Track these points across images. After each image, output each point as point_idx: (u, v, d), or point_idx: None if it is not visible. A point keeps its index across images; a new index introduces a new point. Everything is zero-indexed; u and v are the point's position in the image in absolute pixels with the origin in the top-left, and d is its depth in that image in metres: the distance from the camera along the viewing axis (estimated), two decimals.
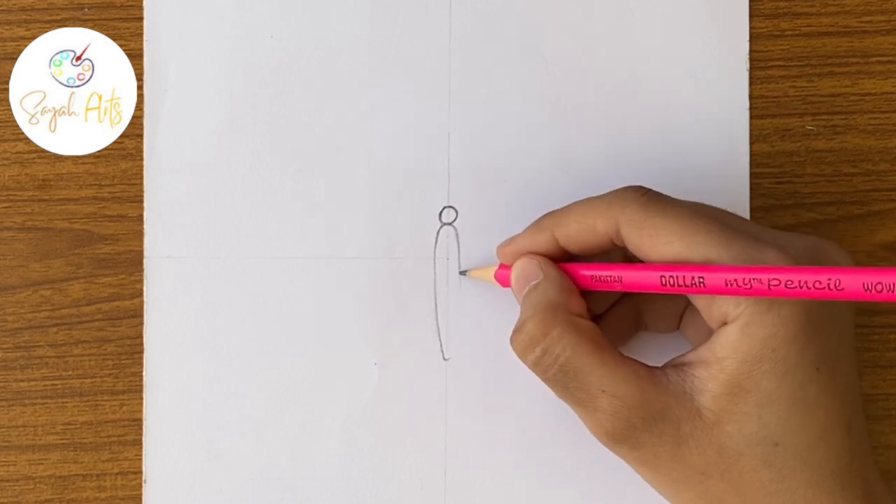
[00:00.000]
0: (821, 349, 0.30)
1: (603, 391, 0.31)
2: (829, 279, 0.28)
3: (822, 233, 0.39)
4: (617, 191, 0.34)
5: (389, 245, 0.39)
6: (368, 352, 0.39)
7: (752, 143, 0.39)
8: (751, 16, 0.40)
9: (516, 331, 0.33)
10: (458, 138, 0.39)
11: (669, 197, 0.33)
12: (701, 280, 0.30)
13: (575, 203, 0.35)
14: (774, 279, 0.29)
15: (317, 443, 0.39)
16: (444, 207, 0.39)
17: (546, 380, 0.33)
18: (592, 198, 0.34)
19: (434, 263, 0.39)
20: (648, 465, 0.32)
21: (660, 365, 0.33)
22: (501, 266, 0.37)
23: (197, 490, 0.38)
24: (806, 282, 0.28)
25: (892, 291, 0.27)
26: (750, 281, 0.29)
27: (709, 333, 0.32)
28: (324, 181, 0.39)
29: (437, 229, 0.39)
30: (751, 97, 0.40)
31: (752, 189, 0.39)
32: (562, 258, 0.35)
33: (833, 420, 0.31)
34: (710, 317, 0.32)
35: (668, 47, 0.39)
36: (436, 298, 0.39)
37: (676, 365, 0.32)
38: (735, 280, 0.29)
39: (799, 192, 0.40)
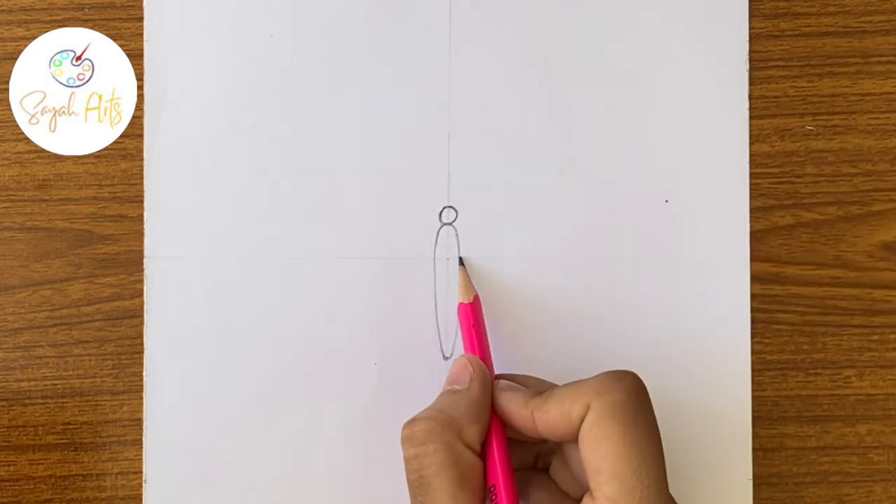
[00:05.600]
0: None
1: None
2: None
3: (822, 233, 0.39)
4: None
5: (389, 245, 0.39)
6: (368, 352, 0.39)
7: (752, 143, 0.39)
8: (751, 16, 0.40)
9: (412, 420, 0.34)
10: (458, 138, 0.39)
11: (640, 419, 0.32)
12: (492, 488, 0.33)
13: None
14: None
15: (317, 443, 0.39)
16: (444, 207, 0.39)
17: (407, 479, 0.33)
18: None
19: (434, 263, 0.39)
20: None
21: None
22: (461, 313, 0.37)
23: (197, 490, 0.38)
24: None
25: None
26: None
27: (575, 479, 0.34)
28: (324, 181, 0.39)
29: (437, 229, 0.39)
30: (751, 97, 0.40)
31: (752, 189, 0.39)
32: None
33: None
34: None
35: (668, 47, 0.39)
36: (436, 298, 0.39)
37: None
38: None
39: (799, 192, 0.40)
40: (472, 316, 0.37)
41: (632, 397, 0.31)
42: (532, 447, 0.36)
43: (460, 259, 0.39)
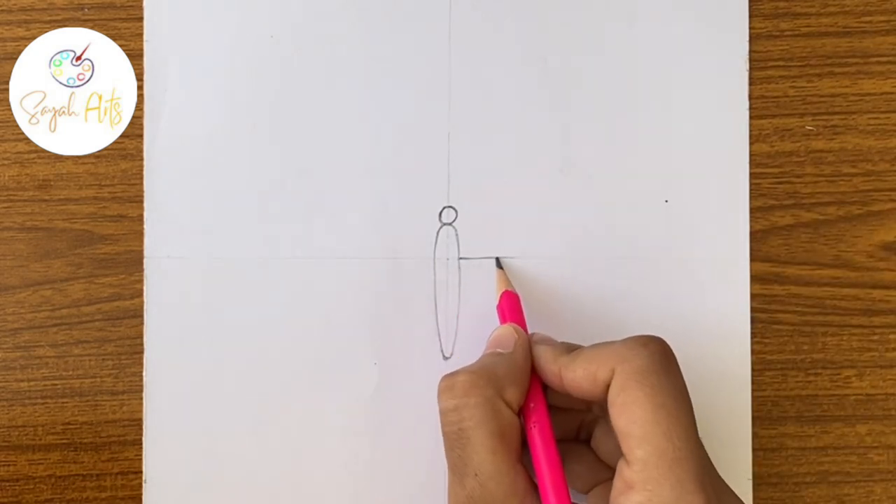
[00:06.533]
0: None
1: (476, 475, 0.32)
2: None
3: (822, 233, 0.39)
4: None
5: (389, 245, 0.39)
6: (368, 352, 0.39)
7: (751, 143, 0.39)
8: (751, 16, 0.40)
9: (452, 373, 0.34)
10: (458, 138, 0.39)
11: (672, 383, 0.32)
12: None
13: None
14: None
15: (317, 443, 0.39)
16: (444, 207, 0.39)
17: (442, 431, 0.33)
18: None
19: (434, 263, 0.39)
20: None
21: None
22: (504, 300, 0.37)
23: (197, 490, 0.38)
24: None
25: None
26: None
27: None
28: (324, 181, 0.39)
29: (437, 229, 0.39)
30: (750, 97, 0.40)
31: (752, 189, 0.39)
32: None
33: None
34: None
35: (668, 47, 0.39)
36: (436, 298, 0.39)
37: None
38: None
39: (799, 192, 0.40)
40: (517, 305, 0.37)
41: (655, 362, 0.32)
42: (576, 416, 0.36)
43: (497, 260, 0.39)
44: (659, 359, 0.32)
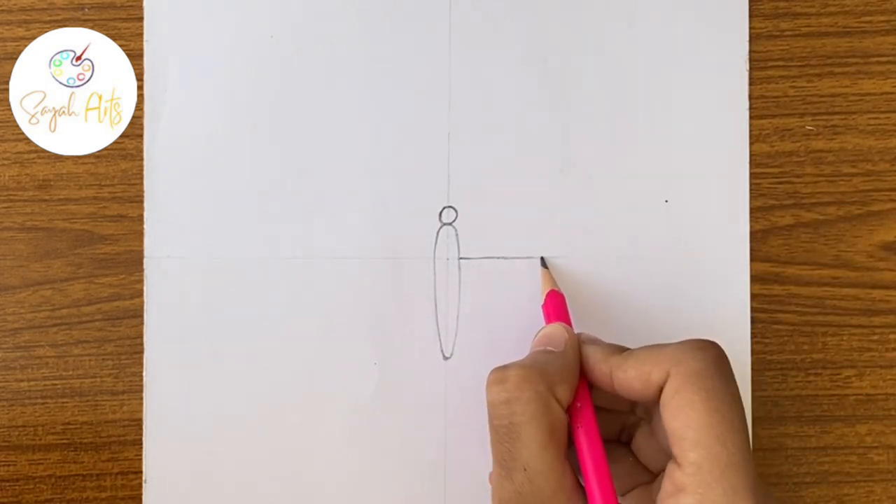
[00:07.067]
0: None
1: (525, 469, 0.32)
2: None
3: (822, 233, 0.39)
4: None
5: (389, 245, 0.39)
6: (368, 352, 0.39)
7: (751, 143, 0.40)
8: (751, 16, 0.40)
9: (503, 367, 0.33)
10: (458, 138, 0.39)
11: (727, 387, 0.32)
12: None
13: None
14: None
15: (317, 443, 0.39)
16: (444, 207, 0.39)
17: (490, 425, 0.33)
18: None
19: (434, 263, 0.39)
20: None
21: None
22: (550, 300, 0.37)
23: (197, 490, 0.38)
24: None
25: None
26: None
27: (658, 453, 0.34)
28: (324, 181, 0.39)
29: (437, 229, 0.39)
30: (750, 97, 0.40)
31: (752, 189, 0.39)
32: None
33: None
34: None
35: (668, 47, 0.39)
36: (436, 298, 0.39)
37: None
38: None
39: (799, 192, 0.40)
40: (563, 304, 0.37)
41: (711, 366, 0.31)
42: (618, 417, 0.36)
43: (542, 259, 0.39)
44: (715, 363, 0.32)
